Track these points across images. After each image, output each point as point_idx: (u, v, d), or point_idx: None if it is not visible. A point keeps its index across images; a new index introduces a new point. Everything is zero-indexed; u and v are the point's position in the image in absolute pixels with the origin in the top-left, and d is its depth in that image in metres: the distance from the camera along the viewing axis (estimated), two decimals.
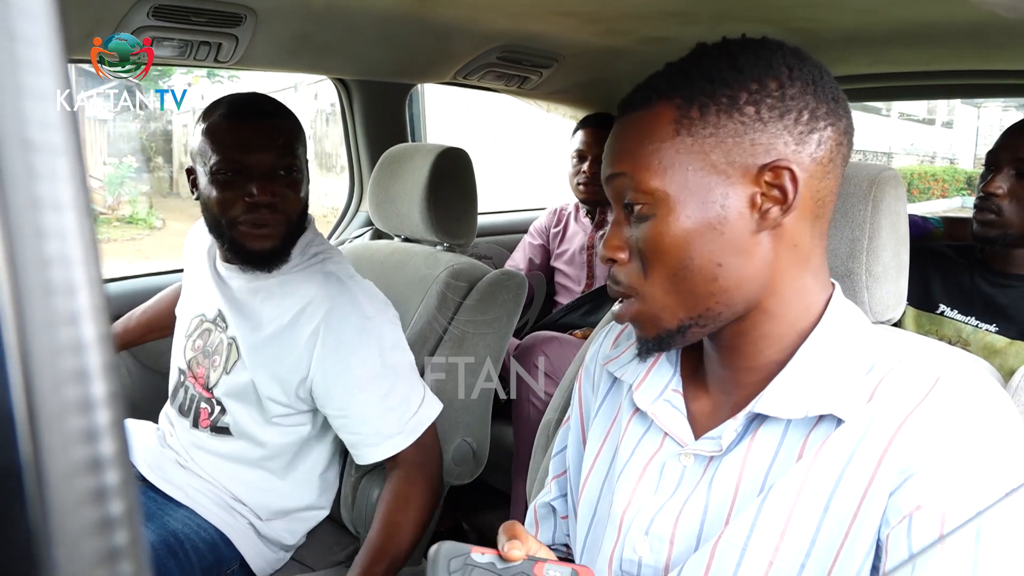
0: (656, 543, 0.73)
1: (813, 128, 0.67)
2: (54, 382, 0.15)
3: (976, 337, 1.50)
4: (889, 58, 2.19)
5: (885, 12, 1.71)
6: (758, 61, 0.67)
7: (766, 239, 0.68)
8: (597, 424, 0.87)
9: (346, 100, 2.35)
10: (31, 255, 0.14)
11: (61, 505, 0.15)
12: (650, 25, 1.94)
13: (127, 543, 0.15)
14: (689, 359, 0.81)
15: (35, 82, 0.14)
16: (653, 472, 0.76)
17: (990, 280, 1.51)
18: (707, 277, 0.68)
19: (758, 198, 0.67)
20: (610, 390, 0.87)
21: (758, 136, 0.66)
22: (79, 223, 0.15)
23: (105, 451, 0.15)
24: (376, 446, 1.36)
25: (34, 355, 0.14)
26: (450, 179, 1.70)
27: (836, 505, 0.64)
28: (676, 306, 0.70)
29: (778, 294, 0.70)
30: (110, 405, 0.16)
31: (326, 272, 1.41)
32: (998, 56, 2.09)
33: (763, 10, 1.72)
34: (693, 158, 0.67)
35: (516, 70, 2.30)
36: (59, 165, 0.15)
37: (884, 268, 0.85)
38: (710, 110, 0.66)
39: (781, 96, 0.66)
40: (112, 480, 0.15)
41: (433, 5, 1.74)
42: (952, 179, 21.38)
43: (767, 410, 0.68)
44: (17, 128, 0.14)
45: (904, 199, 0.88)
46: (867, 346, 0.70)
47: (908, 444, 0.62)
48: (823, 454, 0.66)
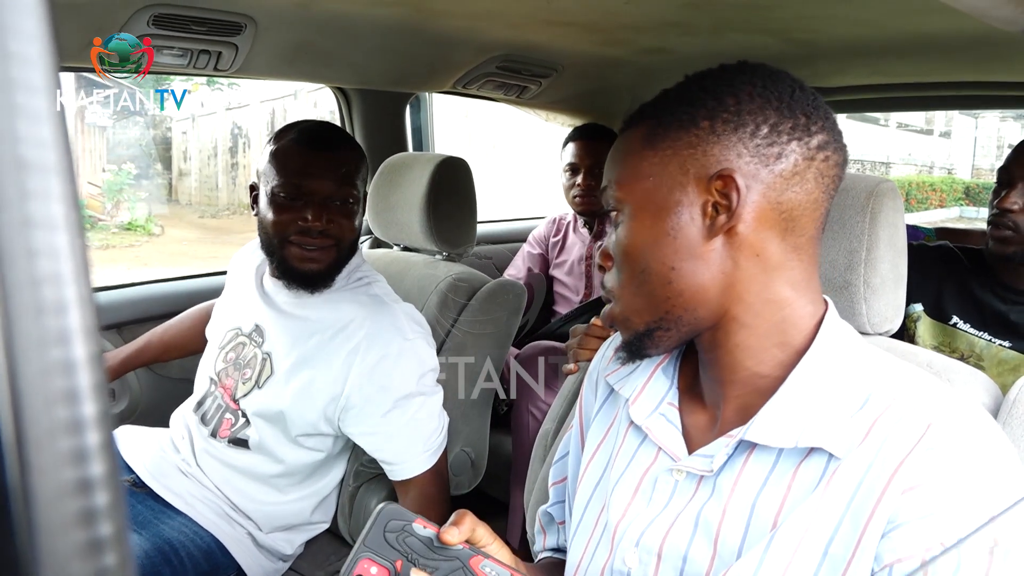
0: (645, 555, 0.74)
1: (773, 142, 0.69)
2: (44, 402, 0.15)
3: (990, 352, 1.48)
4: (887, 69, 2.19)
5: (883, 24, 1.71)
6: (721, 81, 0.72)
7: (720, 246, 0.70)
8: (592, 433, 0.88)
9: (345, 109, 2.35)
10: (22, 274, 0.14)
11: (49, 527, 0.15)
12: (649, 36, 1.95)
13: (116, 565, 0.15)
14: (686, 373, 0.82)
15: (28, 102, 0.14)
16: (647, 485, 0.77)
17: (1001, 296, 1.50)
18: (662, 280, 0.72)
19: (709, 206, 0.70)
20: (607, 400, 0.89)
21: (711, 148, 0.69)
22: (71, 242, 0.15)
23: (95, 472, 0.15)
24: (405, 463, 1.38)
25: (24, 375, 0.14)
26: (450, 188, 1.70)
27: (834, 551, 0.65)
28: (642, 309, 0.74)
29: (744, 303, 0.71)
30: (99, 426, 0.15)
31: (371, 294, 1.44)
32: (996, 68, 2.10)
33: (761, 22, 1.73)
34: (654, 169, 0.72)
35: (515, 79, 2.31)
36: (52, 184, 0.15)
37: (882, 280, 0.85)
38: (671, 126, 0.71)
39: (737, 111, 0.69)
40: (101, 501, 0.15)
41: (433, 15, 1.74)
42: (950, 189, 21.44)
43: (757, 438, 0.69)
44: (11, 147, 0.14)
45: (902, 211, 0.88)
46: (862, 376, 0.70)
47: (897, 494, 0.63)
48: (825, 500, 0.66)
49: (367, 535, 0.67)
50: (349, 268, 1.47)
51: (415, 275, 1.71)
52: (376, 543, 0.66)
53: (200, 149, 13.18)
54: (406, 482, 1.39)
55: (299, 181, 1.35)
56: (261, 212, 1.40)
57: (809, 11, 1.65)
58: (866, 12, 1.63)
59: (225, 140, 12.98)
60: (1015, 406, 0.86)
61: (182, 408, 1.58)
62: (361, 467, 1.51)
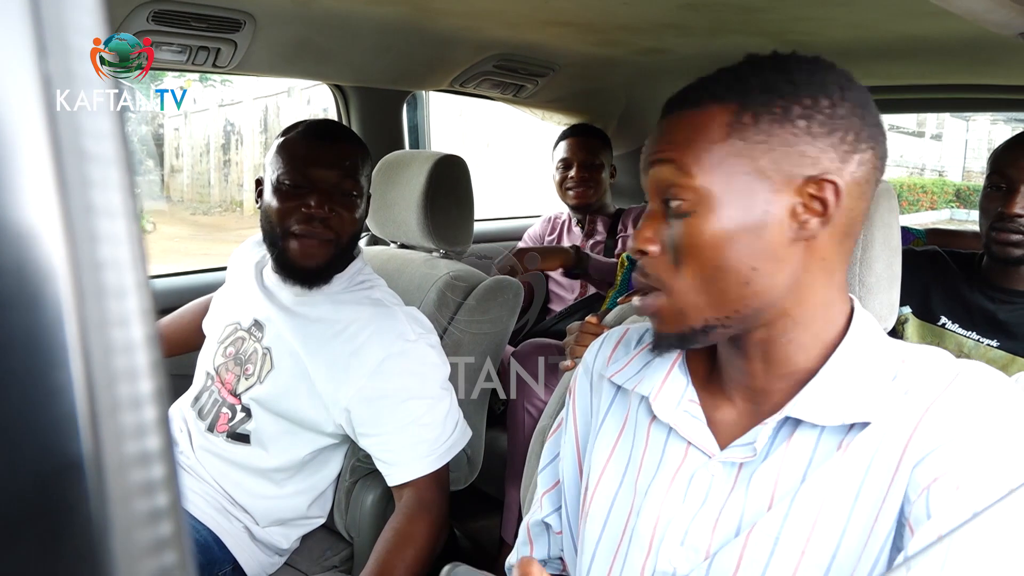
0: (692, 554, 0.73)
1: (856, 148, 0.68)
2: (108, 380, 0.15)
3: (978, 352, 1.49)
4: (881, 72, 2.21)
5: (877, 27, 1.73)
6: (812, 78, 0.69)
7: (799, 249, 0.69)
8: (604, 435, 0.85)
9: (343, 106, 2.36)
10: (86, 259, 0.15)
11: (117, 496, 0.15)
12: (646, 37, 1.96)
13: (173, 534, 0.16)
14: (699, 369, 0.81)
15: (89, 95, 0.15)
16: (681, 483, 0.76)
17: (990, 296, 1.51)
18: (740, 280, 0.69)
19: (799, 208, 0.68)
20: (615, 400, 0.86)
21: (807, 149, 0.67)
22: (128, 229, 0.16)
23: (152, 445, 0.16)
24: (404, 465, 1.37)
25: (92, 354, 0.15)
26: (447, 186, 1.70)
27: (865, 494, 0.66)
28: (704, 305, 0.71)
29: (805, 304, 0.71)
30: (157, 402, 0.16)
31: (372, 298, 1.45)
32: (988, 71, 2.12)
33: (757, 24, 1.74)
34: (742, 162, 0.68)
35: (512, 78, 2.32)
36: (111, 174, 0.16)
37: (877, 279, 0.86)
38: (763, 118, 0.68)
39: (832, 114, 0.68)
40: (159, 474, 0.16)
41: (431, 13, 1.75)
42: (941, 191, 21.53)
43: (801, 414, 0.69)
44: (74, 139, 0.15)
45: (896, 212, 0.89)
46: (891, 356, 0.72)
47: (929, 429, 0.65)
48: (852, 448, 0.68)
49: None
50: (351, 271, 1.47)
51: (412, 273, 1.72)
52: None
53: (192, 146, 13.14)
54: (403, 485, 1.37)
55: (305, 169, 1.37)
56: (265, 202, 1.41)
57: (804, 13, 1.66)
58: (860, 15, 1.65)
59: (218, 137, 12.94)
60: None
61: (179, 402, 1.59)
62: (358, 463, 1.52)
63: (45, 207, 0.14)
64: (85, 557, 0.15)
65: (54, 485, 0.15)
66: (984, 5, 0.86)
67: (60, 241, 0.15)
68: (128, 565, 0.15)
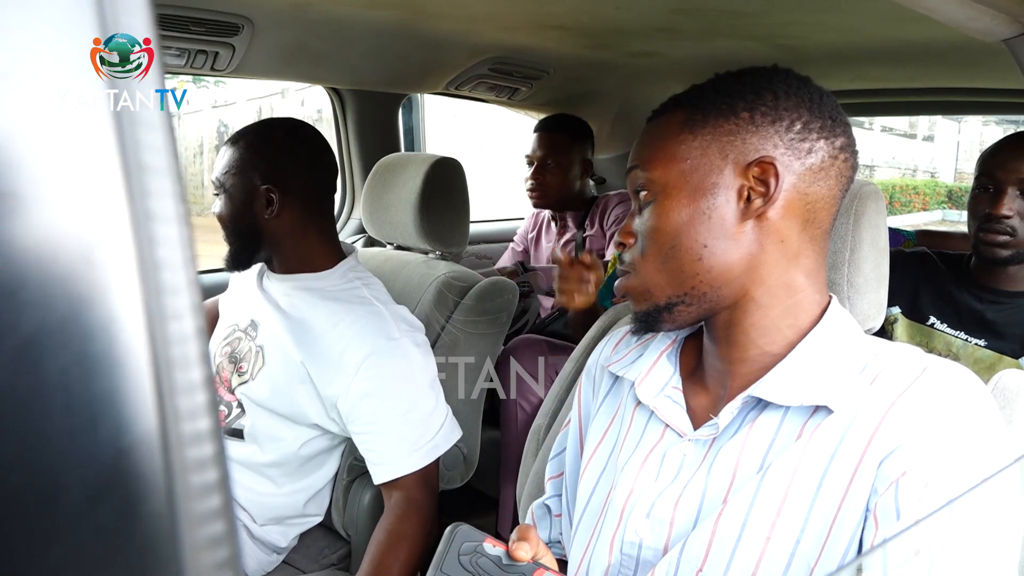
0: (657, 525, 0.78)
1: (805, 138, 0.75)
2: (167, 366, 0.17)
3: (966, 351, 1.51)
4: (871, 75, 2.24)
5: (867, 31, 1.75)
6: (759, 77, 0.77)
7: (751, 229, 0.75)
8: (597, 422, 0.92)
9: (339, 109, 2.37)
10: (147, 260, 0.17)
11: (176, 470, 0.17)
12: (638, 40, 1.98)
13: (221, 506, 0.18)
14: (688, 360, 0.86)
15: (145, 113, 0.17)
16: (654, 461, 0.81)
17: (977, 296, 1.52)
18: (693, 257, 0.76)
19: (745, 190, 0.75)
20: (611, 390, 0.93)
21: (749, 137, 0.75)
22: (180, 233, 0.18)
23: (203, 427, 0.18)
24: (390, 464, 1.38)
25: (156, 344, 0.17)
26: (443, 188, 1.72)
27: (829, 481, 0.69)
28: (665, 283, 0.78)
29: (765, 285, 0.76)
30: (206, 388, 0.18)
31: (361, 296, 1.47)
32: (976, 74, 2.15)
33: (749, 28, 1.76)
34: (693, 152, 0.76)
35: (507, 81, 2.34)
36: (165, 184, 0.18)
37: (865, 279, 0.88)
38: (711, 114, 0.76)
39: (775, 105, 0.75)
40: (208, 452, 0.18)
41: (427, 17, 1.77)
42: (933, 192, 21.63)
43: (764, 394, 0.74)
44: (135, 153, 0.17)
45: (884, 213, 0.91)
46: (862, 348, 0.76)
47: (897, 422, 0.68)
48: (817, 436, 0.71)
49: (443, 560, 0.69)
50: (343, 268, 1.49)
51: (410, 273, 1.73)
52: (452, 567, 0.69)
53: (185, 147, 13.11)
54: (390, 484, 1.38)
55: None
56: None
57: (795, 18, 1.69)
58: (850, 19, 1.67)
59: (211, 138, 12.92)
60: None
61: None
62: (355, 461, 1.53)
63: (115, 215, 0.16)
64: (159, 519, 0.17)
65: (129, 457, 0.17)
66: (967, 13, 0.89)
67: (130, 245, 0.17)
68: (188, 529, 0.17)
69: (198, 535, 0.18)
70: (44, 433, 0.16)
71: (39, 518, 0.16)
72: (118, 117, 0.17)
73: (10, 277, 0.15)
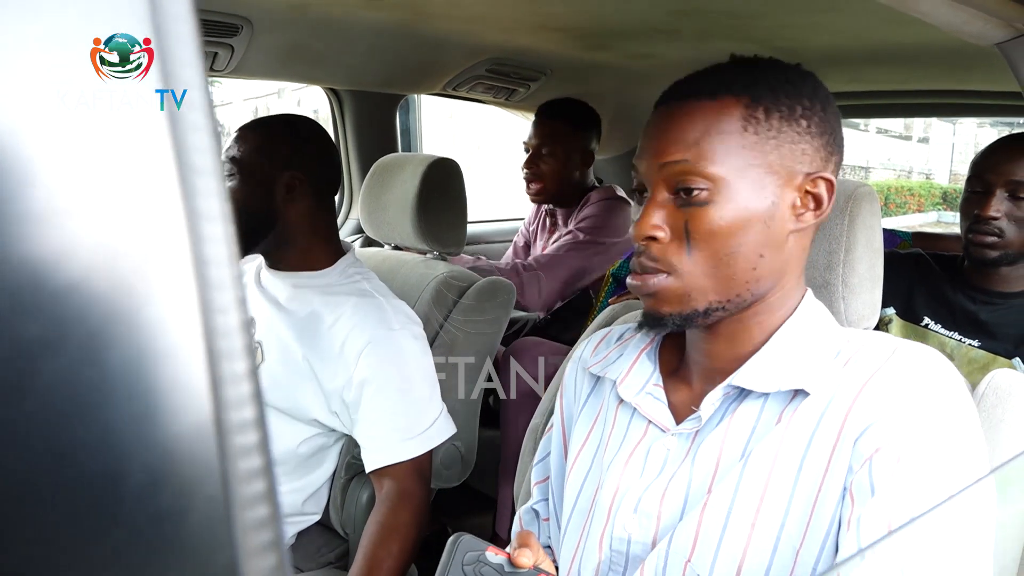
0: (644, 520, 0.79)
1: (833, 151, 0.76)
2: (217, 357, 0.19)
3: (960, 352, 1.52)
4: (867, 77, 2.25)
5: (863, 34, 1.77)
6: (804, 82, 0.75)
7: (793, 239, 0.75)
8: (580, 423, 0.92)
9: (337, 109, 2.38)
10: (198, 257, 0.18)
11: (227, 455, 0.19)
12: (636, 42, 1.99)
13: (265, 491, 0.19)
14: (668, 359, 0.87)
15: (192, 115, 0.18)
16: (639, 457, 0.82)
17: (970, 296, 1.53)
18: (749, 265, 0.73)
19: (798, 201, 0.74)
20: (592, 391, 0.93)
21: (806, 147, 0.73)
22: (224, 231, 0.19)
23: (248, 416, 0.19)
24: (379, 451, 1.39)
25: (210, 336, 0.18)
26: (441, 189, 1.73)
27: (808, 464, 0.70)
28: (710, 288, 0.74)
29: (783, 289, 0.77)
30: (250, 378, 0.19)
31: (361, 288, 1.48)
32: (970, 77, 2.16)
33: (746, 30, 1.78)
34: (755, 154, 0.72)
35: (505, 82, 2.35)
36: (211, 183, 0.19)
37: (860, 280, 0.89)
38: (773, 115, 0.72)
39: (824, 117, 0.74)
40: (252, 440, 0.19)
41: (425, 18, 1.78)
42: (928, 194, 21.68)
43: (743, 382, 0.75)
44: (185, 154, 0.18)
45: (879, 214, 0.92)
46: (836, 336, 0.78)
47: (869, 401, 0.69)
48: (795, 420, 0.72)
49: (447, 570, 0.70)
50: (344, 263, 1.50)
51: (406, 273, 1.74)
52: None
53: None
54: (381, 472, 1.39)
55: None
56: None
57: (792, 20, 1.70)
58: (847, 22, 1.69)
59: None
60: (983, 400, 0.91)
61: None
62: (353, 459, 1.54)
63: (172, 216, 0.18)
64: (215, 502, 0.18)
65: (186, 443, 0.18)
66: (961, 17, 0.90)
67: (185, 243, 0.18)
68: (239, 512, 0.19)
69: (247, 517, 0.19)
70: (110, 420, 0.17)
71: (104, 500, 0.17)
72: (172, 120, 0.18)
73: (78, 272, 0.16)
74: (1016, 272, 1.51)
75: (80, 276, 0.16)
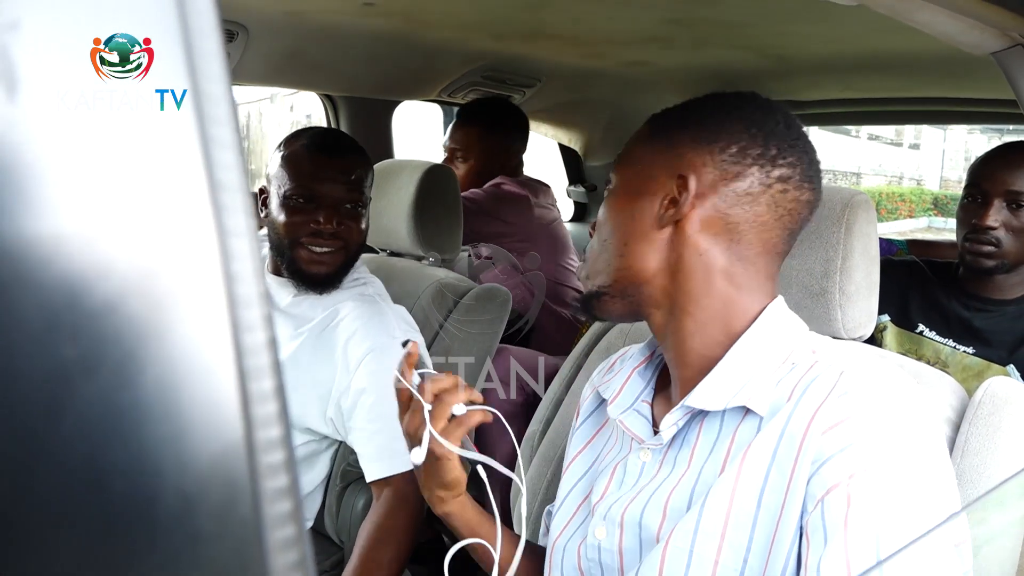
0: (610, 526, 0.82)
1: (737, 162, 0.77)
2: (244, 369, 0.19)
3: (954, 359, 1.52)
4: (859, 85, 2.27)
5: (854, 42, 1.78)
6: (714, 102, 0.82)
7: (667, 237, 0.80)
8: (577, 436, 0.96)
9: (332, 115, 2.38)
10: (225, 272, 0.18)
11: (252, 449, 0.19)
12: (631, 50, 2.00)
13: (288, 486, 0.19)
14: (664, 378, 0.89)
15: (218, 132, 0.18)
16: (620, 470, 0.85)
17: (965, 303, 1.53)
18: (617, 252, 0.82)
19: (667, 200, 0.79)
20: (596, 408, 0.97)
21: (685, 151, 0.79)
22: (250, 247, 0.19)
23: (270, 410, 0.19)
24: (382, 460, 1.38)
25: (241, 355, 0.18)
26: (436, 196, 1.74)
27: (767, 500, 0.71)
28: (599, 272, 0.85)
29: (688, 293, 0.79)
30: (277, 397, 0.19)
31: (364, 294, 1.49)
32: (962, 85, 2.18)
33: (739, 38, 1.79)
34: (645, 158, 0.83)
35: (500, 89, 2.35)
36: (237, 199, 0.19)
37: (856, 287, 0.90)
38: (670, 126, 0.83)
39: (717, 129, 0.79)
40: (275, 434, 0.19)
41: (421, 25, 1.78)
42: (919, 199, 21.76)
43: (695, 403, 0.77)
44: (212, 171, 0.18)
45: (875, 222, 0.93)
46: (790, 347, 0.78)
47: (817, 435, 0.69)
48: (751, 453, 0.73)
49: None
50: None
51: (405, 278, 1.74)
52: None
53: None
54: (382, 481, 1.38)
55: (311, 185, 1.41)
56: (272, 214, 1.45)
57: (786, 28, 1.71)
58: (839, 30, 1.70)
59: None
60: (979, 408, 0.91)
61: None
62: (348, 467, 1.53)
63: (203, 235, 0.18)
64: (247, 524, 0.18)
65: (220, 464, 0.18)
66: (958, 28, 0.91)
67: (216, 262, 0.18)
68: (269, 532, 0.19)
69: (276, 537, 0.19)
70: (144, 441, 0.17)
71: (140, 524, 0.17)
72: (204, 140, 0.19)
73: (114, 292, 0.16)
74: (1011, 279, 1.51)
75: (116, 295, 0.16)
